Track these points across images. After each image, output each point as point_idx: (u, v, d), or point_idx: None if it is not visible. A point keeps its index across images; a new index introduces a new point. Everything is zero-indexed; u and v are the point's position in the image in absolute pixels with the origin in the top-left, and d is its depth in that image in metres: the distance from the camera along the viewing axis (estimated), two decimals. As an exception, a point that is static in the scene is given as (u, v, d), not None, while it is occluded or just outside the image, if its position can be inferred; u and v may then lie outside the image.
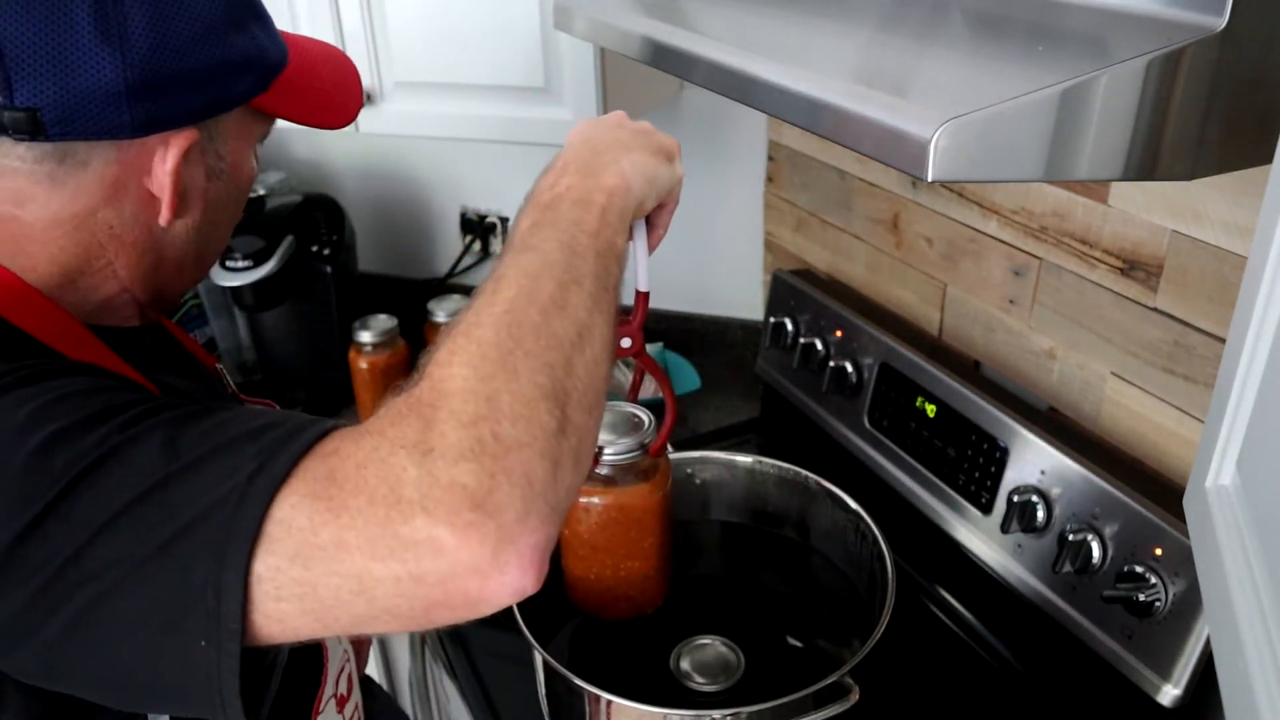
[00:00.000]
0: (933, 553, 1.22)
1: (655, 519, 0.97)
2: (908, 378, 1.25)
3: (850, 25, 0.83)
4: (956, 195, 1.26)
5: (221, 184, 0.71)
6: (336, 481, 0.51)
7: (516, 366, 0.55)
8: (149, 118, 0.63)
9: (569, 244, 0.64)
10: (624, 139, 0.75)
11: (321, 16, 1.41)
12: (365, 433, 0.53)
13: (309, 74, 0.75)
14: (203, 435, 0.54)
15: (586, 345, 0.59)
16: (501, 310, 0.58)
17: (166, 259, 0.71)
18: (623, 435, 0.95)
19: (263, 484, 0.51)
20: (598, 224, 0.66)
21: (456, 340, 0.57)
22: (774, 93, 0.71)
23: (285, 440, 0.53)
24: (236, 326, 1.75)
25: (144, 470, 0.52)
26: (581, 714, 0.91)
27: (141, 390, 0.61)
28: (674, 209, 0.82)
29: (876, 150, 0.62)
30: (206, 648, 0.51)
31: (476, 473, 0.50)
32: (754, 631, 1.07)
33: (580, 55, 1.31)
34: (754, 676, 1.01)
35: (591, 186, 0.69)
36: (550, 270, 0.61)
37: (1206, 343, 0.97)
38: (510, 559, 0.50)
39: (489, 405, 0.53)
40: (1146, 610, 0.95)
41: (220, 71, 0.66)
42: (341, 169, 1.93)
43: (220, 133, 0.69)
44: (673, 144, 0.80)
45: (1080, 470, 1.03)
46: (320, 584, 0.50)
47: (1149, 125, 0.61)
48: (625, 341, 0.86)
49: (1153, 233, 1.01)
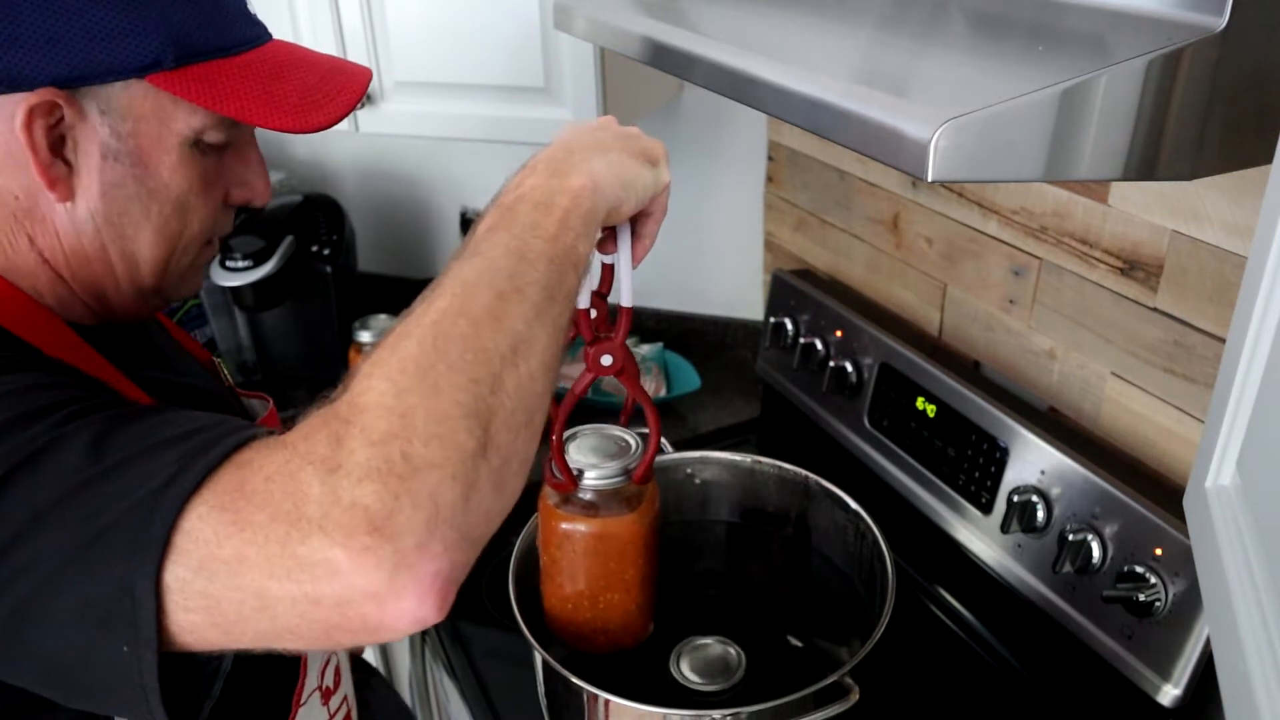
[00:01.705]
0: (933, 553, 1.22)
1: (639, 550, 0.90)
2: (908, 378, 1.25)
3: (850, 25, 0.83)
4: (956, 195, 1.26)
5: (123, 169, 0.67)
6: (244, 494, 0.50)
7: (437, 382, 0.53)
8: (8, 74, 0.61)
9: (518, 249, 0.61)
10: (603, 140, 0.72)
11: (321, 16, 1.41)
12: (280, 444, 0.52)
13: (267, 74, 0.71)
14: (131, 437, 0.54)
15: (521, 360, 0.56)
16: (430, 321, 0.56)
17: (86, 252, 0.69)
18: (606, 459, 0.89)
19: (174, 492, 0.50)
20: (557, 228, 0.63)
21: (380, 352, 0.55)
22: (774, 93, 0.71)
23: (204, 448, 0.52)
24: (236, 326, 1.75)
25: (69, 469, 0.52)
26: (581, 714, 0.90)
27: (86, 386, 0.60)
28: (661, 218, 0.77)
29: (876, 150, 0.62)
30: (129, 653, 0.50)
31: (379, 493, 0.49)
32: (754, 631, 1.07)
33: (580, 55, 1.31)
34: (754, 676, 1.01)
35: (556, 187, 0.65)
36: (490, 278, 0.58)
37: (1206, 343, 0.97)
38: (407, 586, 0.48)
39: (402, 422, 0.51)
40: (1146, 610, 0.95)
41: (88, 36, 0.63)
42: (341, 169, 1.93)
43: (114, 106, 0.65)
44: (658, 148, 0.76)
45: (1080, 470, 1.03)
46: (224, 598, 0.49)
47: (1149, 125, 0.61)
48: (606, 359, 0.82)
49: (1153, 233, 1.00)
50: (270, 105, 0.69)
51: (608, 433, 0.94)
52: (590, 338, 0.82)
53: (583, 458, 0.89)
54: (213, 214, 0.74)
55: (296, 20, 1.43)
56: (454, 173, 1.87)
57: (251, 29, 0.72)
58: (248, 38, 0.72)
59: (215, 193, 0.73)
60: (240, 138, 0.74)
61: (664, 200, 0.76)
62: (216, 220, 0.75)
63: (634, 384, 0.85)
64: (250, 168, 0.76)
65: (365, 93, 0.76)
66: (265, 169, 0.77)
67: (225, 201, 0.75)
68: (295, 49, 0.75)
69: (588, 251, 0.66)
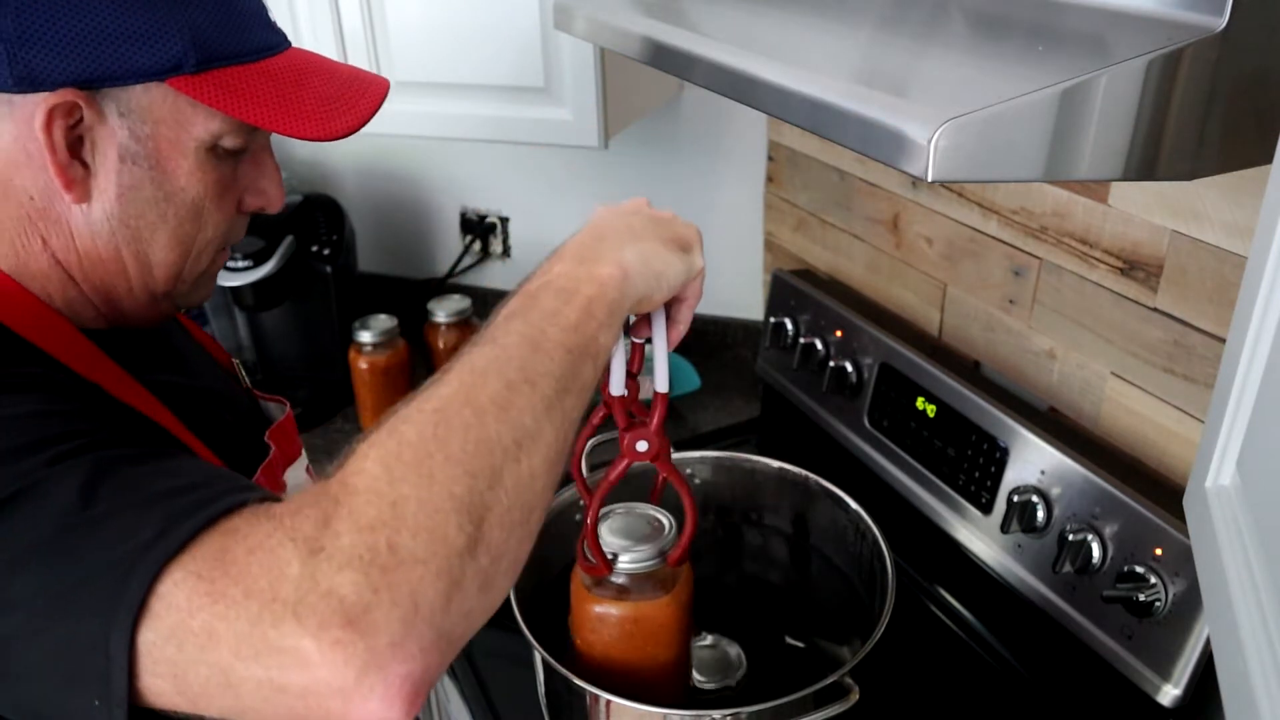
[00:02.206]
0: (933, 553, 1.22)
1: (673, 633, 0.89)
2: (908, 378, 1.25)
3: (850, 25, 0.83)
4: (956, 195, 1.26)
5: (140, 171, 0.67)
6: (223, 564, 0.48)
7: (433, 471, 0.51)
8: (29, 73, 0.61)
9: (533, 338, 0.59)
10: (635, 226, 0.71)
11: (321, 16, 1.41)
12: (268, 515, 0.50)
13: (287, 81, 0.71)
14: (122, 486, 0.53)
15: (524, 455, 0.55)
16: (432, 408, 0.54)
17: (100, 255, 0.69)
18: (640, 542, 0.87)
19: (155, 554, 0.48)
20: (579, 317, 0.61)
21: (379, 433, 0.54)
22: (774, 93, 0.71)
23: (193, 508, 0.50)
24: (236, 326, 1.75)
25: (56, 511, 0.51)
26: (581, 714, 0.90)
27: (90, 415, 0.59)
28: (695, 303, 0.76)
29: (876, 150, 0.62)
30: (99, 707, 0.49)
31: (358, 584, 0.47)
32: (754, 631, 1.07)
33: (580, 55, 1.31)
34: (754, 676, 1.01)
35: (582, 275, 0.64)
36: (501, 367, 0.57)
37: (1206, 343, 0.97)
38: (375, 687, 0.46)
39: (392, 511, 0.49)
40: (1146, 610, 0.95)
41: (111, 38, 0.63)
42: (341, 169, 1.93)
43: (133, 109, 0.65)
44: (691, 233, 0.75)
45: (1080, 470, 1.03)
46: (190, 670, 0.48)
47: (1149, 125, 0.61)
48: (642, 445, 0.81)
49: (1153, 233, 1.00)
50: (289, 112, 0.69)
51: (640, 512, 0.92)
52: (624, 423, 0.81)
53: (616, 540, 0.87)
54: (227, 220, 0.74)
55: (296, 20, 1.43)
56: (454, 173, 1.87)
57: (271, 36, 0.73)
58: (268, 45, 0.72)
59: (230, 199, 0.73)
60: (256, 144, 0.74)
61: (698, 286, 0.76)
62: (230, 226, 0.75)
63: (669, 468, 0.85)
64: (265, 174, 0.76)
65: (383, 103, 0.75)
66: (280, 177, 0.77)
67: (239, 209, 0.75)
68: (314, 57, 0.75)
69: (610, 343, 0.64)
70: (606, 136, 1.37)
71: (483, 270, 1.92)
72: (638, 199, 0.78)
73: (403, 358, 1.57)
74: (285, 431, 0.86)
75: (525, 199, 1.83)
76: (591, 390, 0.62)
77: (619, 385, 0.78)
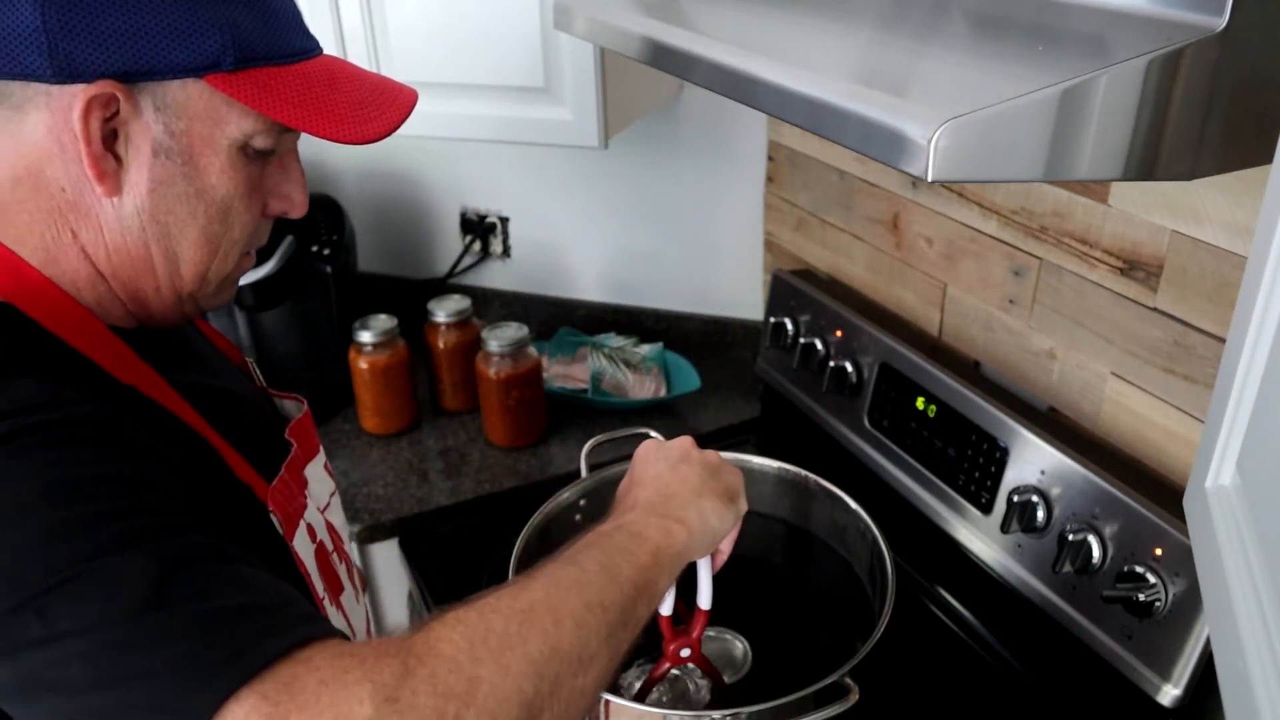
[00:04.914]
0: (933, 553, 1.22)
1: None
2: (908, 378, 1.25)
3: (850, 25, 0.83)
4: (956, 195, 1.26)
5: (173, 166, 0.67)
6: (291, 692, 0.50)
7: (510, 665, 0.55)
8: (69, 64, 0.62)
9: (610, 568, 0.66)
10: (693, 482, 0.80)
11: (321, 16, 1.41)
12: (348, 653, 0.53)
13: (321, 85, 0.72)
14: (193, 586, 0.54)
15: (583, 672, 0.60)
16: (520, 608, 0.59)
17: (129, 250, 0.69)
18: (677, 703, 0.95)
19: (226, 679, 0.50)
20: (648, 560, 0.69)
21: (469, 612, 0.58)
22: (774, 93, 0.71)
23: (267, 634, 0.52)
24: (236, 326, 1.75)
25: (127, 599, 0.52)
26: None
27: (150, 485, 0.60)
28: (736, 535, 0.85)
29: (876, 150, 0.62)
30: None
31: None
32: (753, 631, 1.07)
33: (580, 55, 1.31)
34: (754, 676, 1.01)
35: (654, 525, 0.73)
36: (581, 588, 0.63)
37: (1206, 343, 0.97)
38: None
39: (468, 686, 0.53)
40: (1146, 610, 0.95)
41: (152, 32, 0.64)
42: (341, 169, 1.93)
43: (169, 104, 0.66)
44: (737, 481, 0.84)
45: (1080, 470, 1.03)
46: None
47: (1149, 125, 0.61)
48: (684, 652, 0.90)
49: (1153, 233, 1.01)
50: (322, 114, 0.70)
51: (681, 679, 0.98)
52: (670, 636, 0.90)
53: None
54: (253, 221, 0.74)
55: (296, 20, 1.43)
56: (454, 173, 1.87)
57: (306, 40, 0.73)
58: (303, 48, 0.72)
59: (256, 201, 0.74)
60: (284, 148, 0.75)
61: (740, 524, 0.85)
62: (256, 229, 0.75)
63: (707, 665, 0.94)
64: (291, 179, 0.76)
65: (412, 111, 0.76)
66: (305, 182, 0.78)
67: (264, 212, 0.76)
68: (345, 64, 0.76)
69: (665, 590, 0.72)
70: (606, 136, 1.37)
71: (483, 270, 1.92)
72: (684, 439, 0.87)
73: (403, 358, 1.57)
74: (304, 428, 0.86)
75: (525, 199, 1.83)
76: (639, 630, 0.68)
77: (667, 608, 0.88)
